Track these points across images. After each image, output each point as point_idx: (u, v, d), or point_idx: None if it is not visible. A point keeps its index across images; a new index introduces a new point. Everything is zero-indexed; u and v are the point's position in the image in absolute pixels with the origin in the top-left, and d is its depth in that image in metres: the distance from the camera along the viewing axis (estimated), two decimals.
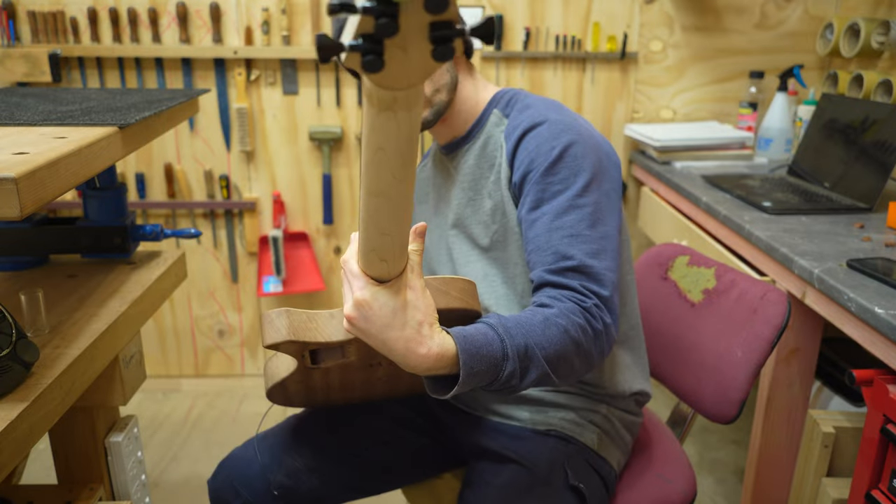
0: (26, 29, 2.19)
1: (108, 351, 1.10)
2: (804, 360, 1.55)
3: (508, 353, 0.81)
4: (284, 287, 2.38)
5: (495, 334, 0.82)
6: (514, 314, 0.88)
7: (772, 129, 2.18)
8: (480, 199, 1.11)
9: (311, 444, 1.16)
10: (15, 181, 0.78)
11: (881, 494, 1.16)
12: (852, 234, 1.51)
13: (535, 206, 1.00)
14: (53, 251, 1.34)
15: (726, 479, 2.06)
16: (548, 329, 0.86)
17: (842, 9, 2.26)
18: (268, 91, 2.28)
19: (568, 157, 0.99)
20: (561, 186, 0.98)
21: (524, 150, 1.02)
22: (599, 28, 2.26)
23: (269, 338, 0.91)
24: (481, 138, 1.12)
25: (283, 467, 1.13)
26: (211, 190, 2.36)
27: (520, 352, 0.82)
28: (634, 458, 1.24)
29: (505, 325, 0.84)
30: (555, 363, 0.86)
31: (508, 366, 0.81)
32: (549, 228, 0.97)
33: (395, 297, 0.75)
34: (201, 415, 2.41)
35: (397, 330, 0.75)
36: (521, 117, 1.06)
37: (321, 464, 1.15)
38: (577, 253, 0.94)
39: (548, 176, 0.99)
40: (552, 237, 0.96)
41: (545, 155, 1.00)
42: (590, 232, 0.96)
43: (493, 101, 1.13)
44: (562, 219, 0.97)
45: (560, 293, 0.92)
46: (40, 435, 0.91)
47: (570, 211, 0.97)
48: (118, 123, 1.08)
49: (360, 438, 1.18)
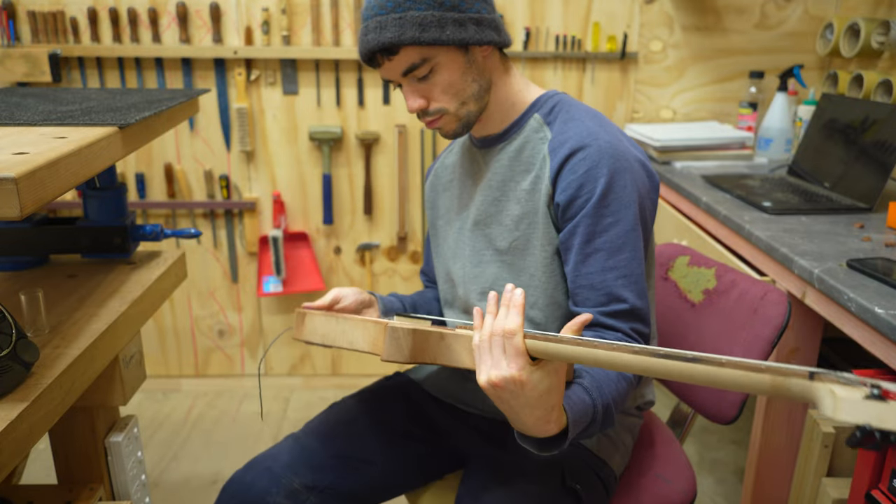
0: (26, 29, 2.19)
1: (108, 351, 1.10)
2: (804, 360, 1.54)
3: (597, 418, 0.90)
4: (284, 287, 2.38)
5: (590, 400, 0.89)
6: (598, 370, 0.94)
7: (772, 129, 2.18)
8: (507, 201, 1.09)
9: (308, 464, 1.15)
10: (15, 181, 0.78)
11: (881, 494, 1.16)
12: (852, 234, 1.51)
13: (588, 239, 1.00)
14: (53, 251, 1.34)
15: (726, 479, 2.06)
16: (619, 383, 0.95)
17: (842, 9, 2.26)
18: (268, 91, 2.28)
19: (617, 187, 0.99)
20: (612, 219, 1.00)
21: (571, 173, 1.01)
22: (599, 28, 2.26)
23: (389, 355, 0.92)
24: (518, 141, 1.10)
25: (282, 489, 1.12)
26: (211, 190, 2.36)
27: (606, 411, 0.92)
28: (634, 458, 1.24)
29: (600, 388, 0.92)
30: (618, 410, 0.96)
31: (593, 428, 0.91)
32: (603, 268, 1.00)
33: (546, 381, 0.79)
34: (201, 415, 2.41)
35: (537, 410, 0.80)
36: (567, 132, 1.04)
37: (319, 482, 1.14)
38: (629, 296, 1.00)
39: (600, 208, 0.99)
40: (606, 277, 1.00)
41: (593, 183, 0.99)
42: (640, 270, 1.01)
43: (535, 104, 1.10)
44: (616, 258, 1.00)
45: (614, 335, 0.99)
46: (40, 435, 0.91)
47: (623, 249, 1.00)
48: (118, 123, 1.08)
49: (357, 453, 1.17)
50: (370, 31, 1.00)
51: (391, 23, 0.98)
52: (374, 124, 2.32)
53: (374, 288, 2.49)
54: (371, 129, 2.33)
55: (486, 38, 1.02)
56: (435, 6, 0.98)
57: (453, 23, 0.99)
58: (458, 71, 1.02)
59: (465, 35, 1.00)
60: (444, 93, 1.03)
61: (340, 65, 2.26)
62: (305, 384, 2.58)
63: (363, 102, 2.30)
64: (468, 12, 1.00)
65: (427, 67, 1.01)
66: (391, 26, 0.98)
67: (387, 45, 0.98)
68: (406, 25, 0.97)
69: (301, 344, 2.54)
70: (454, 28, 0.99)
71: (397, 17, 0.97)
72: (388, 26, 0.98)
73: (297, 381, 2.59)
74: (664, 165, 2.16)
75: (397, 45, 0.98)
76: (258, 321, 2.51)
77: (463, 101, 1.05)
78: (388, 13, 0.98)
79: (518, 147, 1.09)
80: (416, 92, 1.04)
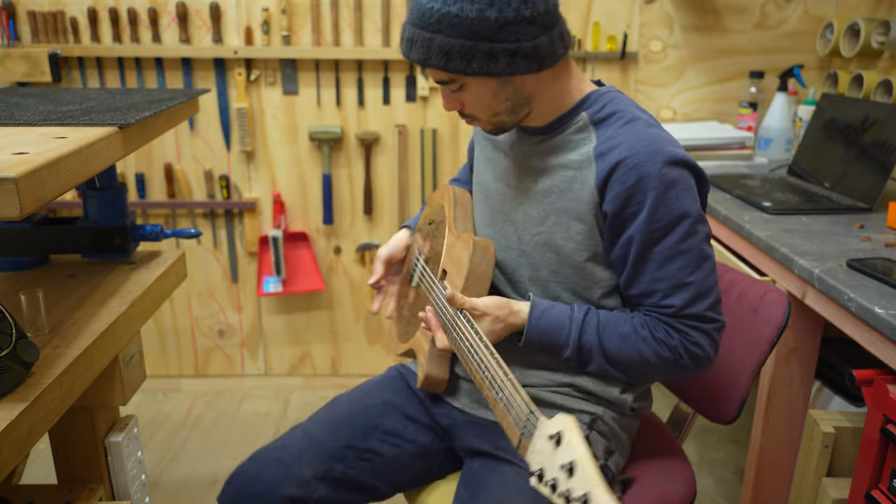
0: (26, 29, 2.19)
1: (108, 351, 1.10)
2: (804, 360, 1.55)
3: (570, 344, 1.04)
4: (284, 287, 2.38)
5: (567, 325, 1.04)
6: (610, 314, 1.05)
7: (772, 129, 2.17)
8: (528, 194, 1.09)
9: (318, 453, 1.15)
10: (15, 181, 0.78)
11: (881, 494, 1.16)
12: (852, 234, 1.51)
13: (639, 251, 0.99)
14: (53, 251, 1.34)
15: (726, 479, 2.06)
16: (624, 343, 1.03)
17: (842, 9, 2.26)
18: (268, 91, 2.28)
19: (668, 199, 0.97)
20: (663, 232, 0.98)
21: (619, 183, 0.98)
22: (599, 28, 2.26)
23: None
24: (560, 136, 1.06)
25: (292, 479, 1.12)
26: (211, 190, 2.36)
27: (583, 348, 1.04)
28: (634, 458, 1.24)
29: (586, 321, 1.04)
30: (625, 370, 1.05)
31: (567, 352, 1.04)
32: (653, 278, 1.00)
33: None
34: (201, 415, 2.41)
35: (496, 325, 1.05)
36: (616, 137, 1.00)
37: (330, 471, 1.14)
38: (678, 303, 1.00)
39: (650, 222, 0.97)
40: (656, 287, 1.00)
41: (643, 194, 0.96)
42: (693, 278, 0.99)
43: (584, 102, 1.05)
44: (665, 268, 0.99)
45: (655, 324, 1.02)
46: (40, 435, 0.91)
47: (673, 259, 0.98)
48: (118, 123, 1.08)
49: (366, 444, 1.18)
50: (404, 39, 0.98)
51: (420, 42, 0.95)
52: (374, 124, 2.32)
53: None
54: (371, 129, 2.33)
55: (519, 70, 0.96)
56: (467, 34, 0.92)
57: (483, 55, 0.94)
58: (488, 93, 1.00)
59: (493, 69, 0.95)
60: (474, 106, 1.02)
61: (340, 65, 2.26)
62: (305, 384, 2.58)
63: (363, 102, 2.30)
64: (503, 43, 0.93)
65: (456, 85, 0.99)
66: (419, 46, 0.95)
67: (415, 61, 0.97)
68: (433, 51, 0.94)
69: (301, 344, 2.54)
70: (482, 60, 0.94)
71: (427, 38, 0.94)
72: (417, 45, 0.96)
73: (297, 381, 2.58)
74: None
75: (423, 66, 0.97)
76: (258, 321, 2.51)
77: (495, 113, 1.03)
78: (421, 28, 0.95)
79: (560, 143, 1.06)
80: (450, 98, 1.03)
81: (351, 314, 2.52)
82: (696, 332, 1.01)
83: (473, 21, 0.91)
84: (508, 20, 0.92)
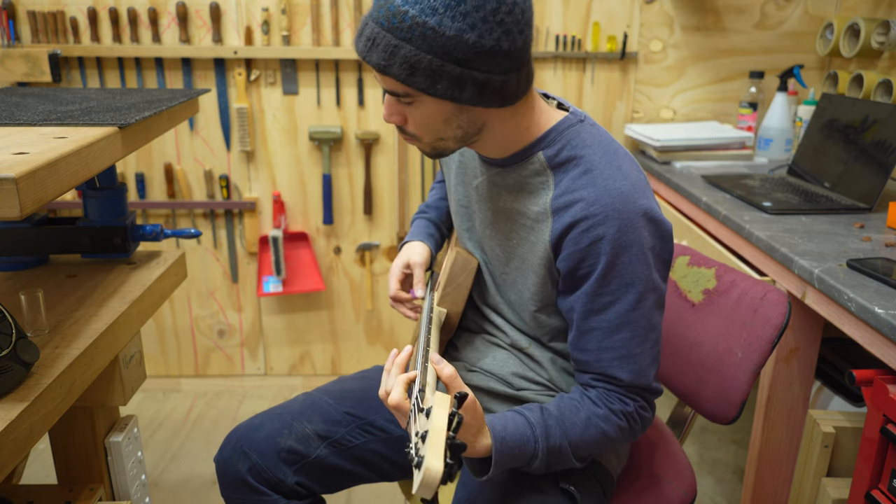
0: (26, 29, 2.19)
1: (108, 351, 1.10)
2: (804, 360, 1.55)
3: (539, 453, 0.95)
4: (284, 287, 2.38)
5: (531, 435, 0.94)
6: (561, 404, 0.98)
7: (772, 129, 2.18)
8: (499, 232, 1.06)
9: (322, 415, 1.17)
10: (15, 181, 0.78)
11: (881, 494, 1.16)
12: (852, 234, 1.51)
13: (585, 316, 0.97)
14: (53, 251, 1.34)
15: (726, 479, 2.06)
16: (587, 430, 0.97)
17: (842, 9, 2.26)
18: (268, 91, 2.28)
19: (619, 265, 0.92)
20: (611, 298, 0.94)
21: (573, 243, 0.94)
22: (599, 28, 2.26)
23: None
24: (517, 175, 1.01)
25: (293, 432, 1.14)
26: (211, 190, 2.36)
27: (552, 451, 0.95)
28: (634, 459, 1.24)
29: (546, 423, 0.95)
30: (584, 456, 1.01)
31: (536, 462, 0.95)
32: (599, 347, 0.97)
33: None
34: (201, 415, 2.41)
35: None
36: (573, 192, 0.95)
37: (332, 433, 1.16)
38: (625, 376, 0.98)
39: (600, 286, 0.94)
40: (602, 357, 0.98)
41: (595, 257, 0.93)
42: (640, 349, 0.97)
43: (542, 140, 0.98)
44: (612, 338, 0.96)
45: (607, 396, 0.99)
46: (40, 435, 0.91)
47: (621, 329, 0.95)
48: (118, 123, 1.08)
49: (369, 417, 1.19)
50: (363, 36, 0.88)
51: (383, 46, 0.85)
52: (374, 124, 2.32)
53: (374, 287, 2.49)
54: (371, 129, 2.33)
55: (483, 103, 0.90)
56: (438, 52, 0.84)
57: (450, 79, 0.86)
58: (440, 116, 0.92)
59: (457, 95, 0.87)
60: (420, 125, 0.94)
61: (340, 65, 2.26)
62: (305, 384, 2.58)
63: (363, 102, 2.30)
64: (474, 71, 0.86)
65: (409, 99, 0.90)
66: (381, 50, 0.86)
67: (372, 65, 0.88)
68: (396, 59, 0.85)
69: (301, 344, 2.55)
70: (448, 84, 0.86)
71: (392, 43, 0.85)
72: (379, 48, 0.86)
73: (297, 381, 2.59)
74: (664, 165, 2.16)
75: (380, 72, 0.88)
76: (258, 321, 2.51)
77: (441, 138, 0.95)
78: (387, 31, 0.85)
79: (519, 185, 1.01)
80: (395, 109, 0.94)
81: (351, 314, 2.52)
82: (644, 401, 1.01)
83: (449, 40, 0.83)
84: (485, 48, 0.85)
